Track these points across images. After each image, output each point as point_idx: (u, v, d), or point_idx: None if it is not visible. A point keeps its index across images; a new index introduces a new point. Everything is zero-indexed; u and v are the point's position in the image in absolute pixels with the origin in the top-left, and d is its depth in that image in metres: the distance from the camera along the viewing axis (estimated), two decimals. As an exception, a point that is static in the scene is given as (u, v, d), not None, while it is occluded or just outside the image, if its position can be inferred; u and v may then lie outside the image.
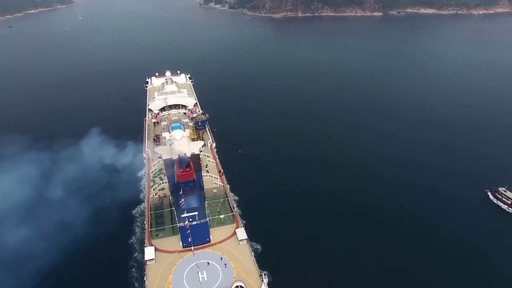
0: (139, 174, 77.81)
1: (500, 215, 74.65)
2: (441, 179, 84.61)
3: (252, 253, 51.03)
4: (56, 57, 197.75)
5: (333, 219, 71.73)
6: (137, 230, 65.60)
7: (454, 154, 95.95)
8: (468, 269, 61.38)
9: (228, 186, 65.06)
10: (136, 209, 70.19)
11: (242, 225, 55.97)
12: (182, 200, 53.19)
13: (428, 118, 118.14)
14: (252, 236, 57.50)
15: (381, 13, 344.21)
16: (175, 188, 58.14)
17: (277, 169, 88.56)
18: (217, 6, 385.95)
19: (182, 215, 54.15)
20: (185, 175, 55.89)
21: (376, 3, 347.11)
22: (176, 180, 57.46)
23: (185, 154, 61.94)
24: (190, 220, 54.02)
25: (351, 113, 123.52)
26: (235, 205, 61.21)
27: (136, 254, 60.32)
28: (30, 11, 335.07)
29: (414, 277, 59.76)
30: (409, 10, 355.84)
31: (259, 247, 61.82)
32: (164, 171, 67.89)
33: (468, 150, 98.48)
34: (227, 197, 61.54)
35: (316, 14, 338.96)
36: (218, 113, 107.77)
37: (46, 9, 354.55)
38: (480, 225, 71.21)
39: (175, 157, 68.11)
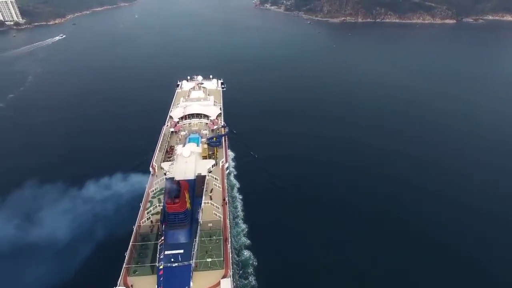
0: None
1: None
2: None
3: (235, 315, 41.50)
4: (105, 54, 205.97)
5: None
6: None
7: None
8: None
9: (228, 221, 55.88)
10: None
11: (231, 273, 46.49)
12: (162, 239, 45.14)
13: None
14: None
15: (454, 21, 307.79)
16: (164, 217, 50.62)
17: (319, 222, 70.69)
18: (272, 7, 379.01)
19: (165, 252, 46.45)
20: (173, 207, 48.08)
21: (448, 9, 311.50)
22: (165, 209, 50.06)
23: (176, 181, 54.06)
24: (172, 260, 46.14)
25: (421, 139, 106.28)
26: (229, 247, 51.56)
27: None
28: (97, 9, 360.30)
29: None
30: (489, 17, 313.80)
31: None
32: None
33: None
34: (224, 235, 52.33)
35: (377, 20, 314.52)
36: (248, 126, 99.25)
37: (110, 7, 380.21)
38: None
39: (178, 177, 61.21)
